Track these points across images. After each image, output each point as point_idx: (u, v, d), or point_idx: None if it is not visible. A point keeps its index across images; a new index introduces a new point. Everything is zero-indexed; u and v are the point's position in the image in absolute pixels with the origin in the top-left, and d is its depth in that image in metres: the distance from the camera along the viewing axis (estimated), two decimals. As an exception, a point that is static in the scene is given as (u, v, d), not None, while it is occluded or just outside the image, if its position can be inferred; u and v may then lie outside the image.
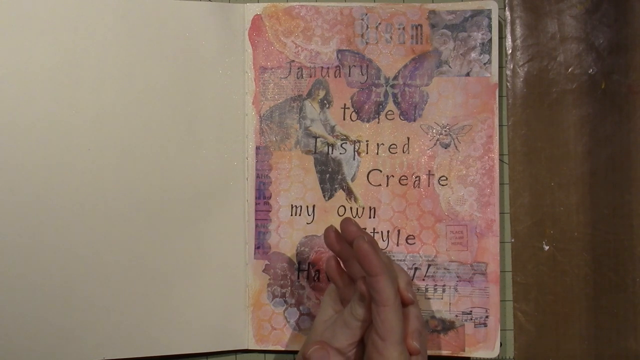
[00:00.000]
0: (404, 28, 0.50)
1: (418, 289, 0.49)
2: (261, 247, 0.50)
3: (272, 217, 0.50)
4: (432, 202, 0.49)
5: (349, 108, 0.50)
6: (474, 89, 0.49)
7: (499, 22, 0.50)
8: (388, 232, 0.50)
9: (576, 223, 0.50)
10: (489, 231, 0.49)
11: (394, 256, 0.49)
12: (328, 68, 0.50)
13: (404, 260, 0.49)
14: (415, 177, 0.50)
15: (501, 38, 0.51)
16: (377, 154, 0.50)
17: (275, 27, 0.50)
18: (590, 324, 0.49)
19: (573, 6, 0.50)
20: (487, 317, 0.49)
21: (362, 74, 0.50)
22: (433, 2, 0.50)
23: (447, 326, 0.49)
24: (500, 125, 0.50)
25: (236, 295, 0.50)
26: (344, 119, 0.50)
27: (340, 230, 0.41)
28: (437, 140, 0.50)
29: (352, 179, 0.50)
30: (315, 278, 0.50)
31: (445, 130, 0.50)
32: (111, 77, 0.48)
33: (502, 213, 0.50)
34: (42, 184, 0.47)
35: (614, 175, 0.50)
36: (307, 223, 0.50)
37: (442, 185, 0.50)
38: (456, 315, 0.49)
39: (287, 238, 0.50)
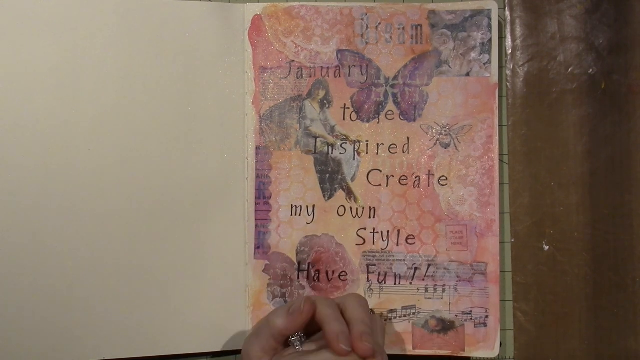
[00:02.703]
0: (403, 28, 0.50)
1: (418, 289, 0.49)
2: (261, 247, 0.50)
3: (272, 217, 0.50)
4: (432, 202, 0.49)
5: (348, 108, 0.50)
6: (474, 89, 0.49)
7: (499, 22, 0.50)
8: (388, 232, 0.50)
9: (576, 223, 0.50)
10: (489, 231, 0.49)
11: (393, 256, 0.49)
12: (328, 68, 0.50)
13: (404, 260, 0.49)
14: (415, 177, 0.50)
15: (501, 38, 0.51)
16: (377, 154, 0.50)
17: (275, 27, 0.50)
18: (590, 324, 0.49)
19: (573, 6, 0.50)
20: (487, 317, 0.49)
21: (362, 74, 0.50)
22: (433, 2, 0.50)
23: (447, 326, 0.49)
24: (500, 125, 0.50)
25: (236, 295, 0.50)
26: (344, 119, 0.50)
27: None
28: (437, 140, 0.50)
29: (352, 179, 0.50)
30: (315, 278, 0.50)
31: (445, 130, 0.50)
32: (111, 77, 0.48)
33: (502, 213, 0.50)
34: (42, 184, 0.47)
35: (614, 175, 0.50)
36: (307, 223, 0.50)
37: (442, 185, 0.50)
38: (456, 315, 0.49)
39: (287, 238, 0.50)
